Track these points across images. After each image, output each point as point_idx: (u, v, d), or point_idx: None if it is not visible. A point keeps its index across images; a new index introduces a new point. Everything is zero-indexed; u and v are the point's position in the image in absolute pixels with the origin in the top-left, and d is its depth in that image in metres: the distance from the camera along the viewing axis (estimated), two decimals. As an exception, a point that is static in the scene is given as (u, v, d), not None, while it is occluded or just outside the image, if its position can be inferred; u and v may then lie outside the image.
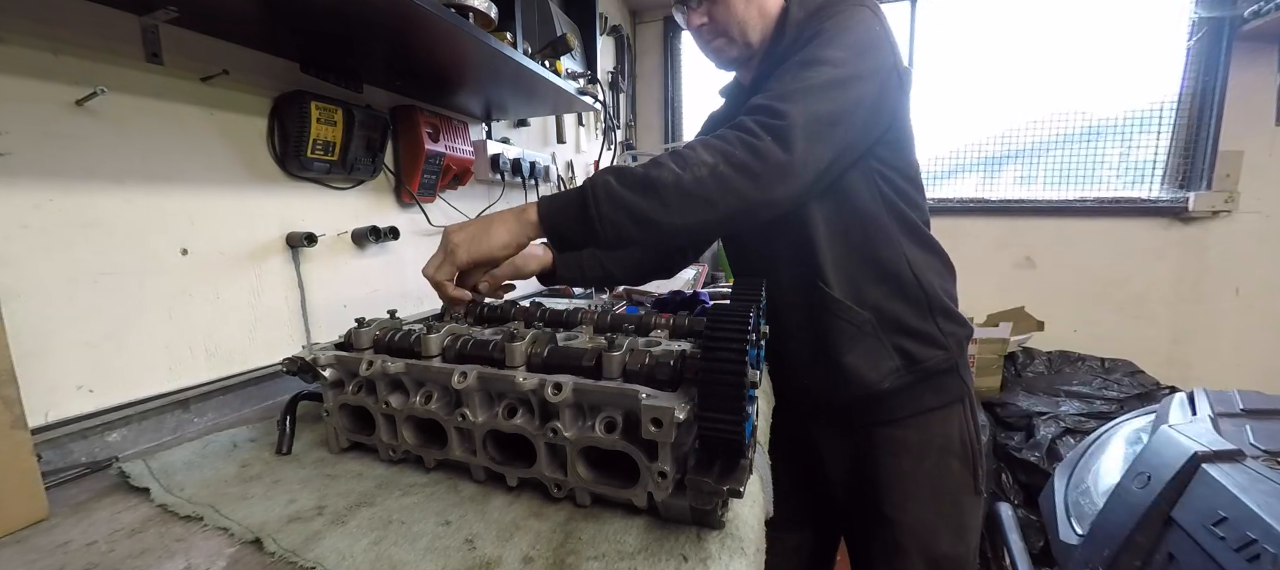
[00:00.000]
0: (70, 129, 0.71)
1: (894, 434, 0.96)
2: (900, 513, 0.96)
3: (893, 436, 0.96)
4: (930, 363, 0.91)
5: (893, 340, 0.90)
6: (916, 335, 0.91)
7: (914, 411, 0.94)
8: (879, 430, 0.97)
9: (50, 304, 0.70)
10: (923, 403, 0.94)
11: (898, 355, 0.90)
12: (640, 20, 2.91)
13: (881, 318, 0.90)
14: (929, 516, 0.96)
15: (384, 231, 1.17)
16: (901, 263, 0.89)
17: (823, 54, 0.77)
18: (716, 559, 0.48)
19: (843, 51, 0.77)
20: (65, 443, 0.69)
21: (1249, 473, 1.02)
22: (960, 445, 0.96)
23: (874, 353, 0.91)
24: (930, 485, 0.96)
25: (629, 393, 0.52)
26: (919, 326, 0.90)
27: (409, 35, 0.89)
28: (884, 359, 0.91)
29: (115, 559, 0.50)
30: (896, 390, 0.92)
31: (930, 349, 0.91)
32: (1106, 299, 2.47)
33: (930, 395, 0.94)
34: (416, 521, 0.55)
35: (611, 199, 0.70)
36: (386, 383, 0.64)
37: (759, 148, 0.70)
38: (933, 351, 0.91)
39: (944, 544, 0.96)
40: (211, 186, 0.88)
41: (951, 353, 0.92)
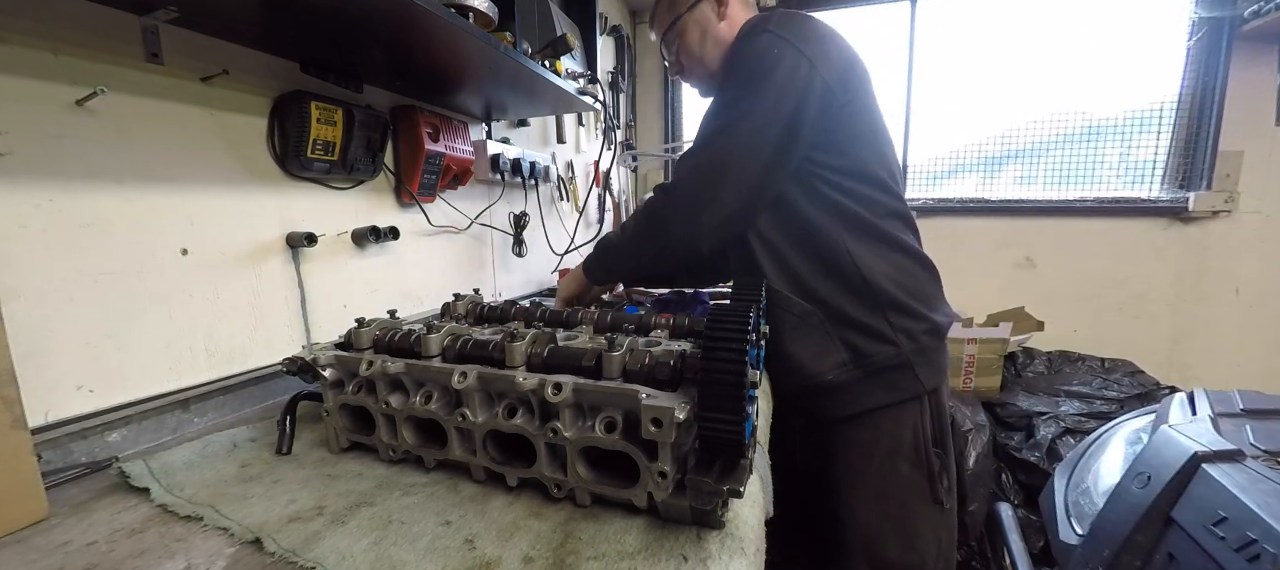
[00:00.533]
0: (70, 129, 0.71)
1: (846, 430, 0.98)
2: (846, 511, 0.98)
3: (845, 433, 0.98)
4: (878, 358, 0.92)
5: (840, 333, 0.93)
6: (863, 329, 0.92)
7: (865, 407, 0.95)
8: (835, 426, 0.99)
9: (50, 304, 0.70)
10: (873, 399, 0.94)
11: (844, 349, 0.93)
12: (640, 20, 2.91)
13: (828, 311, 0.93)
14: (874, 519, 0.96)
15: (384, 231, 1.17)
16: (843, 258, 0.92)
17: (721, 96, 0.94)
18: (716, 559, 0.48)
19: (736, 90, 0.89)
20: (65, 443, 0.69)
21: (1249, 473, 1.02)
22: (912, 449, 0.96)
23: (819, 345, 0.94)
24: (876, 486, 0.96)
25: (629, 393, 0.52)
26: (866, 321, 0.92)
27: (409, 35, 0.89)
28: (830, 351, 0.94)
29: (115, 559, 0.50)
30: (844, 384, 0.94)
31: (878, 344, 0.92)
32: (1106, 299, 2.47)
33: (880, 391, 0.94)
34: (416, 521, 0.55)
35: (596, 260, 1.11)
36: (386, 383, 0.64)
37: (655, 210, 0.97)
38: (881, 346, 0.92)
39: (889, 550, 0.96)
40: (211, 186, 0.88)
41: (902, 348, 0.92)
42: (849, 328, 0.93)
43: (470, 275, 1.59)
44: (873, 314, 0.92)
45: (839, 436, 0.99)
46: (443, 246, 1.46)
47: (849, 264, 0.92)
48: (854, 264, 0.92)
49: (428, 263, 1.41)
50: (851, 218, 0.93)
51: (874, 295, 0.92)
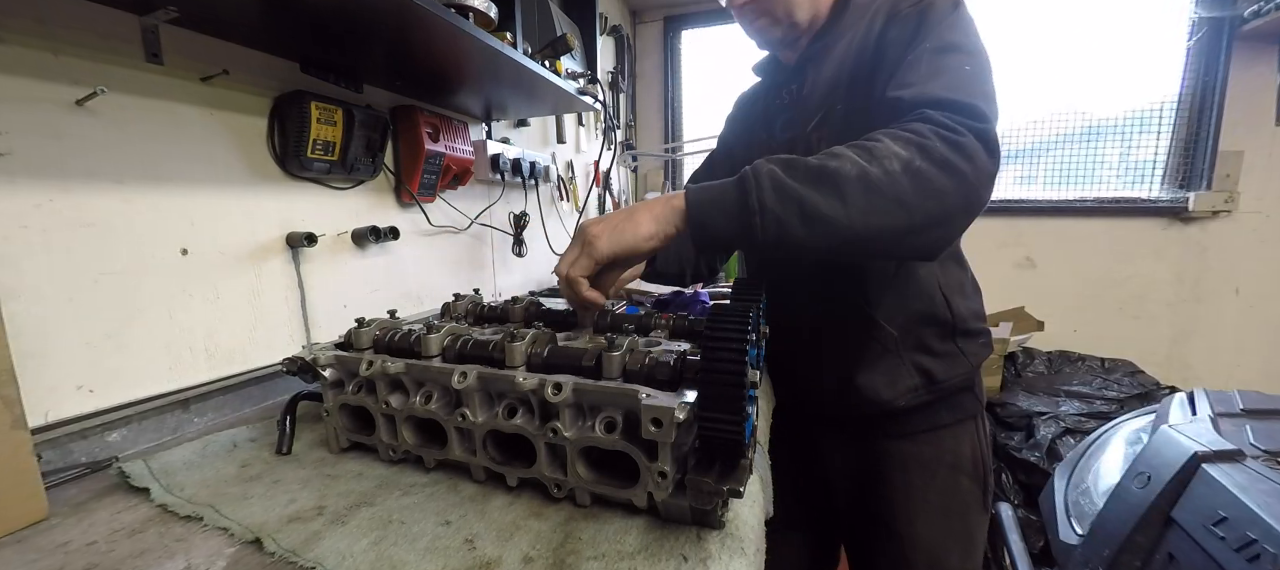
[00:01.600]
0: (70, 129, 0.71)
1: (904, 448, 0.93)
2: (908, 528, 0.94)
3: (903, 450, 0.94)
4: (949, 382, 0.89)
5: (914, 359, 0.88)
6: (938, 355, 0.89)
7: (927, 427, 0.92)
8: (888, 443, 0.94)
9: (50, 304, 0.70)
10: (937, 419, 0.92)
11: (918, 374, 0.88)
12: (640, 20, 2.91)
13: (906, 336, 0.88)
14: (938, 534, 0.94)
15: (384, 231, 1.17)
16: (933, 283, 0.87)
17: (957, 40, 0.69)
18: (716, 559, 0.48)
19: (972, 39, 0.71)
20: (65, 443, 0.69)
21: (1249, 473, 1.02)
22: (971, 463, 0.94)
23: (893, 371, 0.88)
24: (940, 502, 0.94)
25: (629, 393, 0.52)
26: (941, 347, 0.88)
27: (409, 35, 0.89)
28: (903, 377, 0.88)
29: (115, 559, 0.50)
30: (914, 409, 0.90)
31: (950, 368, 0.89)
32: (1106, 299, 2.47)
33: (945, 412, 0.92)
34: (416, 521, 0.55)
35: (778, 190, 0.58)
36: (386, 383, 0.64)
37: (964, 145, 0.59)
38: (952, 370, 0.89)
39: (953, 560, 0.95)
40: (211, 186, 0.88)
41: (969, 371, 0.91)
42: (925, 353, 0.88)
43: (470, 275, 1.59)
44: (948, 339, 0.88)
45: (896, 455, 0.94)
46: (443, 246, 1.46)
47: (937, 290, 0.87)
48: (942, 291, 0.87)
49: (428, 263, 1.41)
50: None
51: (954, 322, 0.88)
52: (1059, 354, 2.39)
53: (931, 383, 0.88)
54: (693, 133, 2.96)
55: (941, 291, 0.88)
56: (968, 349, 0.90)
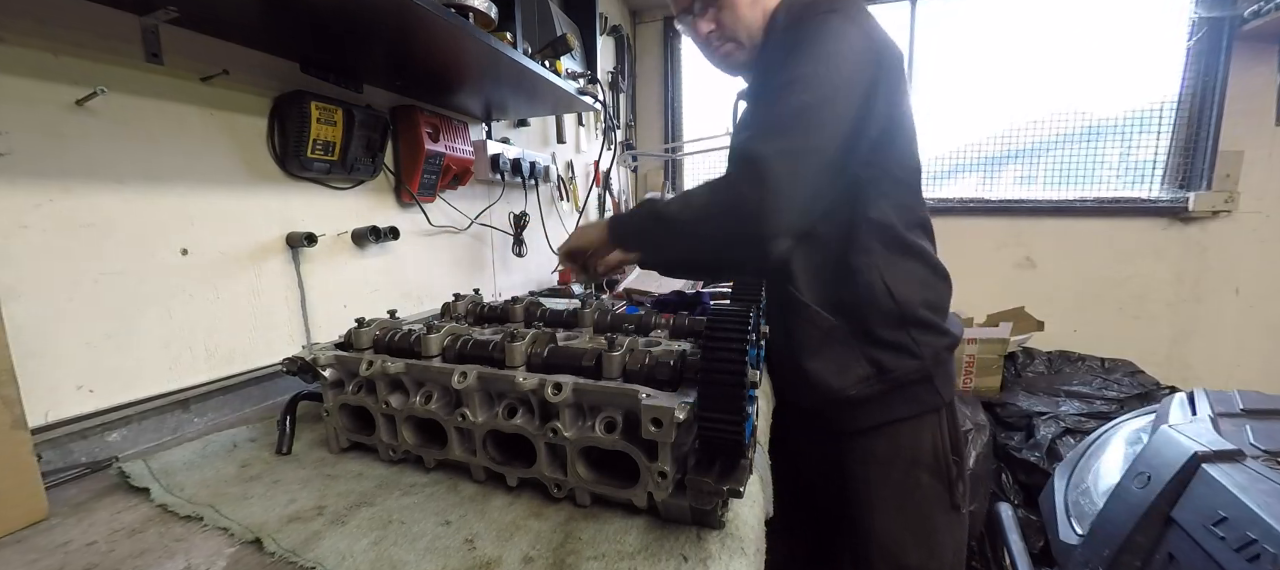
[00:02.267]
0: (70, 129, 0.71)
1: (863, 443, 0.95)
2: (867, 522, 0.96)
3: (862, 445, 0.96)
4: (901, 372, 0.90)
5: (863, 348, 0.90)
6: (888, 345, 0.90)
7: (883, 421, 0.93)
8: (850, 438, 0.96)
9: (50, 304, 0.70)
10: (892, 412, 0.92)
11: (868, 363, 0.90)
12: (640, 20, 2.91)
13: (852, 325, 0.90)
14: (895, 528, 0.95)
15: (384, 231, 1.17)
16: (873, 273, 0.89)
17: (796, 72, 0.79)
18: (716, 559, 0.48)
19: (814, 66, 0.79)
20: (65, 443, 0.69)
21: (1249, 473, 1.02)
22: (932, 458, 0.95)
23: (841, 359, 0.91)
24: (897, 497, 0.95)
25: (629, 393, 0.52)
26: (891, 337, 0.89)
27: (409, 35, 0.89)
28: (852, 366, 0.90)
29: (115, 559, 0.50)
30: (866, 398, 0.91)
31: (903, 358, 0.90)
32: (1106, 299, 2.47)
33: (900, 404, 0.92)
34: (416, 521, 0.55)
35: (636, 225, 0.89)
36: (386, 383, 0.64)
37: (736, 192, 0.79)
38: (905, 361, 0.90)
39: (912, 557, 0.95)
40: (211, 186, 0.88)
41: (925, 363, 0.90)
42: (873, 343, 0.90)
43: (470, 275, 1.59)
44: (897, 329, 0.89)
45: (856, 449, 0.96)
46: (443, 246, 1.46)
47: (878, 280, 0.89)
48: (883, 280, 0.89)
49: (428, 263, 1.40)
50: (885, 230, 0.90)
51: (900, 312, 0.89)
52: (1059, 354, 2.39)
53: (882, 372, 0.90)
54: (693, 133, 2.96)
55: (883, 281, 0.89)
56: (921, 341, 0.90)
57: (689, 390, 0.52)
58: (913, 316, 0.90)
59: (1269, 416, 1.23)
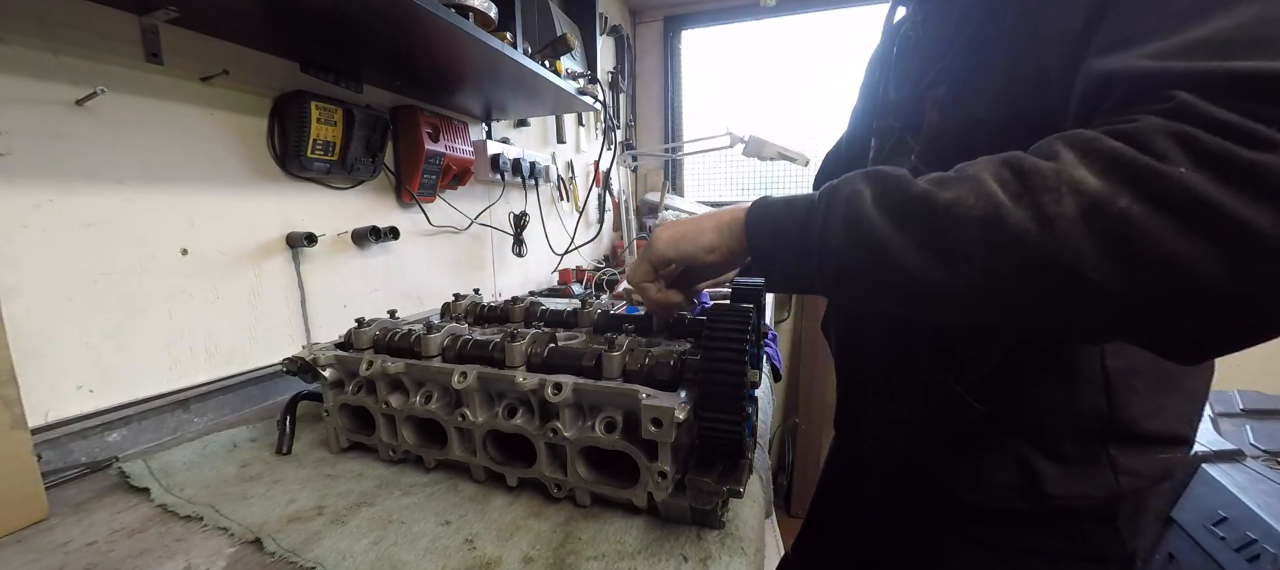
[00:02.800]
0: (70, 129, 0.71)
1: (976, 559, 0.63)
2: None
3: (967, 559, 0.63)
4: (1068, 501, 0.55)
5: (1017, 448, 0.57)
6: (1062, 458, 0.55)
7: (1019, 546, 0.60)
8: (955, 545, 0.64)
9: (50, 304, 0.70)
10: (1039, 541, 0.59)
11: (1017, 470, 0.57)
12: (640, 20, 2.91)
13: (1012, 410, 0.56)
14: None
15: (384, 231, 1.17)
16: (1089, 352, 0.54)
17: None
18: (716, 559, 0.48)
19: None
20: (65, 443, 0.69)
21: (1249, 473, 1.02)
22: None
23: (975, 453, 0.59)
24: None
25: (629, 393, 0.52)
26: (1070, 446, 0.55)
27: (409, 35, 0.89)
28: (994, 466, 0.58)
29: (115, 559, 0.50)
30: (993, 515, 0.59)
31: (1078, 483, 0.55)
32: (1106, 299, 2.47)
33: (1055, 536, 0.58)
34: (416, 521, 0.55)
35: (852, 228, 0.41)
36: (386, 383, 0.64)
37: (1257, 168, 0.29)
38: (1081, 488, 0.55)
39: None
40: (211, 186, 0.88)
41: (1114, 494, 0.55)
42: (1037, 446, 0.56)
43: (470, 275, 1.59)
44: (1088, 440, 0.55)
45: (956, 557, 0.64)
46: (443, 246, 1.46)
47: (1093, 367, 0.53)
48: (1102, 368, 0.53)
49: (428, 263, 1.40)
50: None
51: (1109, 415, 0.54)
52: (1059, 354, 2.39)
53: (1036, 493, 0.56)
54: (693, 133, 2.96)
55: (1102, 365, 0.53)
56: (1124, 463, 0.55)
57: (689, 390, 0.52)
58: (1123, 427, 0.54)
59: (1269, 416, 1.23)
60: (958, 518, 0.62)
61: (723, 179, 2.95)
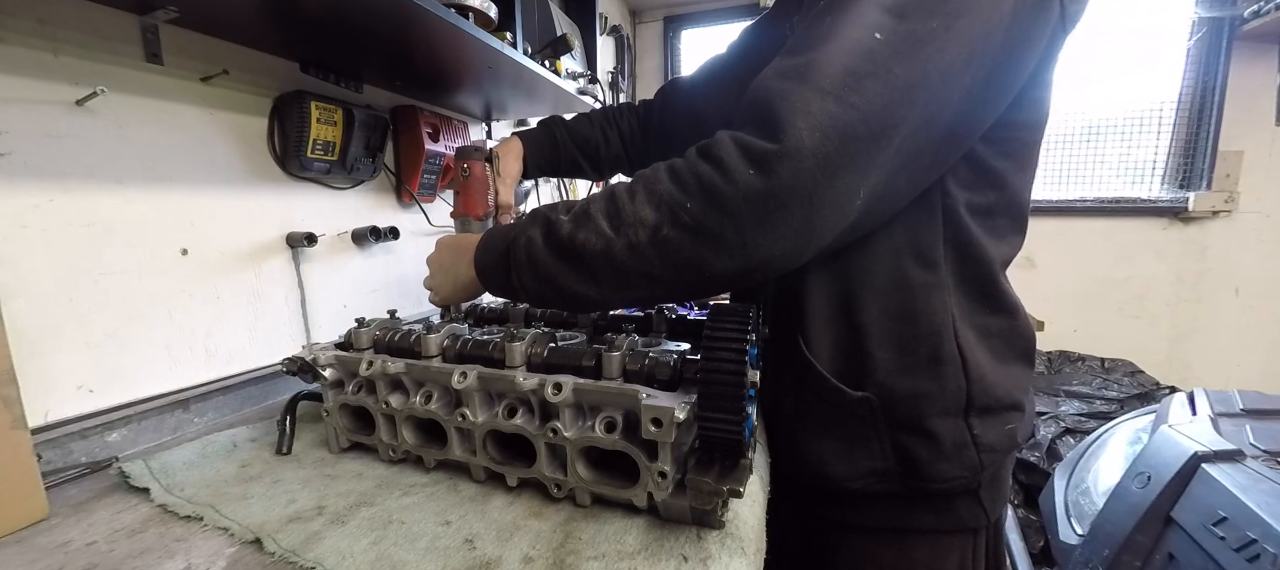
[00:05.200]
0: (70, 129, 0.71)
1: (861, 545, 0.69)
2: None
3: (861, 547, 0.69)
4: (937, 477, 0.61)
5: (893, 435, 0.62)
6: (927, 435, 0.60)
7: (898, 526, 0.66)
8: (845, 533, 0.70)
9: (50, 304, 0.70)
10: (914, 519, 0.65)
11: (894, 455, 0.62)
12: (640, 20, 2.91)
13: (887, 400, 0.61)
14: None
15: (384, 231, 1.17)
16: (945, 334, 0.59)
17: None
18: (716, 559, 0.48)
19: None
20: (65, 442, 0.69)
21: (1249, 473, 1.02)
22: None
23: (855, 441, 0.63)
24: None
25: (629, 393, 0.52)
26: (938, 425, 0.60)
27: (409, 35, 0.89)
28: (868, 453, 0.62)
29: (115, 559, 0.50)
30: (874, 496, 0.65)
31: (947, 464, 0.61)
32: (1106, 299, 2.47)
33: (926, 514, 0.65)
34: (416, 521, 0.55)
35: (532, 264, 0.54)
36: (386, 383, 0.64)
37: (725, 198, 0.45)
38: (946, 464, 0.61)
39: None
40: (211, 186, 0.88)
41: (978, 474, 0.62)
42: (910, 431, 0.61)
43: (470, 275, 1.59)
44: (951, 416, 0.60)
45: (850, 549, 0.70)
46: (443, 246, 1.46)
47: (950, 350, 0.59)
48: (958, 350, 0.59)
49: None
50: (976, 265, 0.60)
51: (966, 393, 0.60)
52: (1059, 354, 2.39)
53: (908, 471, 0.62)
54: (693, 133, 2.96)
55: (956, 344, 0.59)
56: (983, 437, 0.61)
57: (689, 390, 0.52)
58: (981, 401, 0.60)
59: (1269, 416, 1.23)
60: (840, 505, 0.68)
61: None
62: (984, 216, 0.60)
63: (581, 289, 0.53)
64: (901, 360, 0.60)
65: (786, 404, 0.69)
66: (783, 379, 0.69)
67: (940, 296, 0.60)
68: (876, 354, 0.61)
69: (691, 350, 0.60)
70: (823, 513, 0.71)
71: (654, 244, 0.48)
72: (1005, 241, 0.63)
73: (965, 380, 0.60)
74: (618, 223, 0.50)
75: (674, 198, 0.47)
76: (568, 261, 0.53)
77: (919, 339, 0.60)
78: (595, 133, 1.00)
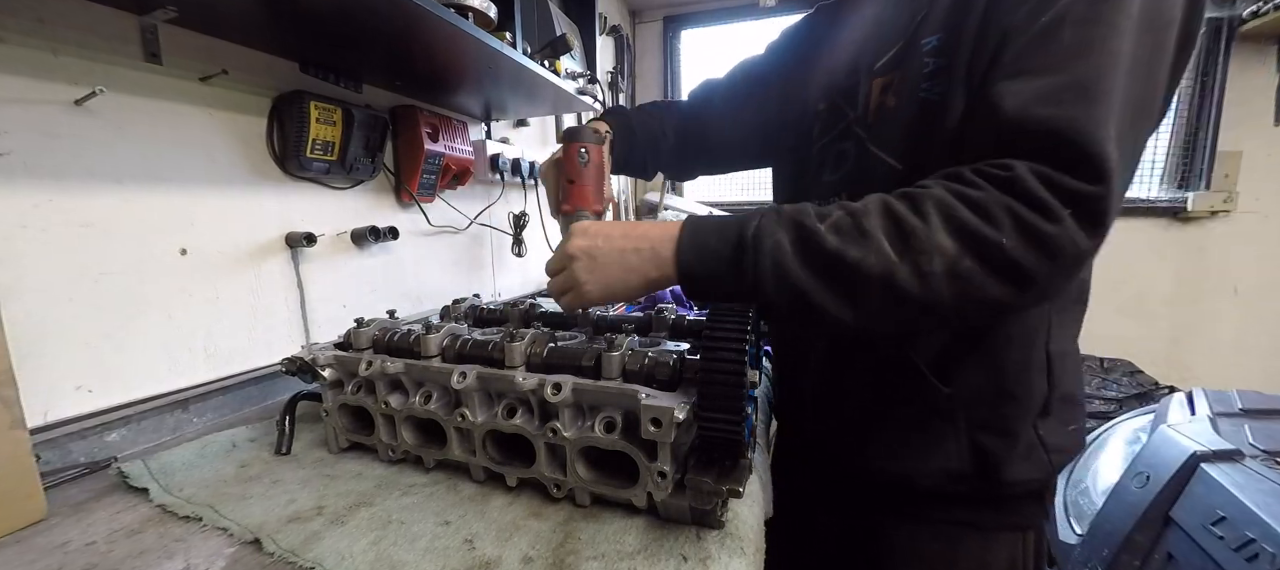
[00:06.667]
0: (69, 129, 0.71)
1: (911, 534, 0.69)
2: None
3: (907, 538, 0.69)
4: (1017, 487, 0.62)
5: (972, 434, 0.62)
6: (1009, 437, 0.61)
7: (953, 519, 0.66)
8: (892, 521, 0.70)
9: (50, 304, 0.70)
10: (975, 517, 0.66)
11: (970, 456, 0.62)
12: (640, 20, 2.91)
13: (970, 400, 0.61)
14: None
15: (383, 231, 1.17)
16: (1039, 335, 0.61)
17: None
18: (716, 559, 0.48)
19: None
20: (64, 443, 0.69)
21: (1247, 472, 1.02)
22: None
23: (932, 439, 0.63)
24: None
25: (628, 393, 0.52)
26: (1017, 427, 0.61)
27: (409, 35, 0.89)
28: (944, 455, 0.62)
29: (114, 559, 0.50)
30: (943, 496, 0.65)
31: (1023, 464, 0.61)
32: (1106, 299, 2.47)
33: (991, 513, 0.66)
34: (416, 521, 0.55)
35: (780, 273, 0.48)
36: (386, 383, 0.64)
37: (1051, 239, 0.42)
38: (1026, 470, 0.61)
39: None
40: (211, 186, 0.88)
41: (1051, 476, 0.64)
42: (990, 431, 0.61)
43: (469, 275, 1.59)
44: (1023, 418, 0.61)
45: (898, 542, 0.69)
46: (442, 246, 1.46)
47: (1040, 354, 0.61)
48: (1046, 348, 0.61)
49: (427, 263, 1.40)
50: None
51: (1045, 397, 0.61)
52: (1058, 354, 2.39)
53: (985, 472, 0.62)
54: (692, 133, 2.96)
55: (1046, 347, 0.60)
56: (1049, 437, 0.62)
57: (689, 390, 0.52)
58: (1056, 406, 0.62)
59: (1267, 416, 1.23)
60: (903, 503, 0.68)
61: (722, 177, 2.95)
62: None
63: (836, 310, 0.47)
64: (993, 361, 0.61)
65: (854, 401, 0.68)
66: (853, 376, 0.68)
67: None
68: (964, 350, 0.61)
69: (691, 350, 0.60)
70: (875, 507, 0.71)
71: (950, 276, 0.44)
72: None
73: (1048, 386, 0.61)
74: (904, 246, 0.45)
75: (981, 231, 0.43)
76: (827, 278, 0.47)
77: (1012, 339, 0.60)
78: (657, 126, 0.90)
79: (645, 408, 0.48)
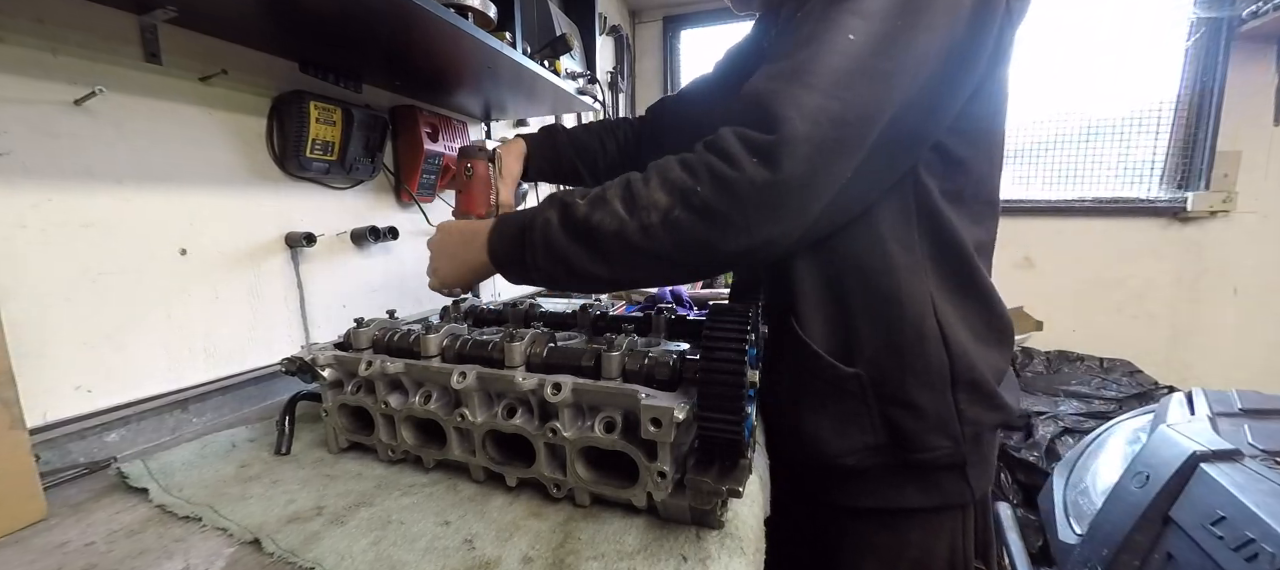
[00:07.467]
0: (69, 129, 0.71)
1: (861, 529, 0.74)
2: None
3: (859, 532, 0.74)
4: (924, 450, 0.66)
5: (882, 408, 0.66)
6: (918, 411, 0.65)
7: (889, 506, 0.71)
8: (846, 519, 0.75)
9: (49, 304, 0.70)
10: (902, 498, 0.70)
11: (882, 428, 0.67)
12: (640, 20, 2.91)
13: (876, 377, 0.66)
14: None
15: (383, 231, 1.17)
16: (925, 310, 0.64)
17: None
18: (716, 559, 0.48)
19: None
20: (63, 443, 0.69)
21: (1247, 472, 1.02)
22: (948, 566, 0.73)
23: (847, 417, 0.67)
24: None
25: (628, 393, 0.52)
26: (924, 400, 0.65)
27: (408, 35, 0.89)
28: (860, 428, 0.67)
29: (114, 559, 0.50)
30: (867, 471, 0.69)
31: (932, 432, 0.66)
32: (1105, 299, 2.47)
33: (915, 491, 0.70)
34: (416, 522, 0.55)
35: (548, 245, 0.58)
36: (385, 383, 0.64)
37: (732, 182, 0.50)
38: (934, 437, 0.66)
39: None
40: (210, 186, 0.88)
41: (961, 447, 0.66)
42: (898, 405, 0.65)
43: (469, 275, 1.59)
44: (937, 393, 0.65)
45: (851, 534, 0.75)
46: (442, 246, 1.46)
47: (931, 327, 0.64)
48: (938, 327, 0.64)
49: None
50: (951, 250, 0.65)
51: (951, 370, 0.65)
52: (1058, 354, 2.39)
53: (898, 443, 0.66)
54: (692, 133, 2.96)
55: (937, 323, 0.64)
56: (966, 412, 0.65)
57: (689, 390, 0.52)
58: (966, 377, 0.65)
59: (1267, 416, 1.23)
60: (837, 484, 0.73)
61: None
62: (955, 201, 0.65)
63: (593, 268, 0.57)
64: (888, 338, 0.65)
65: (783, 385, 0.73)
66: (780, 362, 0.73)
67: (919, 277, 0.64)
68: (864, 332, 0.66)
69: (691, 350, 0.60)
70: (823, 498, 0.76)
71: (665, 225, 0.53)
72: (979, 226, 0.68)
73: (947, 356, 0.65)
74: (632, 205, 0.55)
75: (685, 183, 0.53)
76: (582, 242, 0.57)
77: (904, 318, 0.64)
78: (593, 141, 1.05)
79: (645, 408, 0.48)
